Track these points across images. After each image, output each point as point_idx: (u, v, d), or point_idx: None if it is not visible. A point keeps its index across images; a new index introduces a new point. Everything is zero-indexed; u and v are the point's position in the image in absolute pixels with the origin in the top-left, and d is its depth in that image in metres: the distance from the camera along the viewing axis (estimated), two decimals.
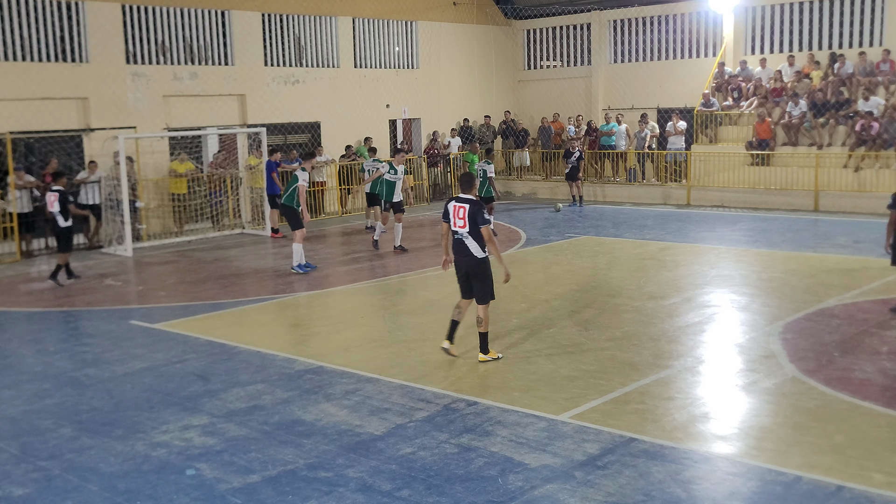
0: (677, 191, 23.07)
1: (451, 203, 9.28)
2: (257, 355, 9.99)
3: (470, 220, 9.06)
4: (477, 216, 9.04)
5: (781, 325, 10.52)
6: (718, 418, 7.63)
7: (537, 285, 13.38)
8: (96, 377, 9.35)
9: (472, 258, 9.19)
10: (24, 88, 18.03)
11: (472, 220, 9.06)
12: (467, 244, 9.16)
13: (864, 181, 20.19)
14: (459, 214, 9.14)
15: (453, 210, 9.21)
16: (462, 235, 9.17)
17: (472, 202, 9.12)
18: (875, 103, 20.68)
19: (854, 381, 8.45)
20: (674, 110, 24.28)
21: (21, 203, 17.24)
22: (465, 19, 27.33)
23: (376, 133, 24.61)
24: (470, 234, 9.10)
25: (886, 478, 6.28)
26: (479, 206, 9.10)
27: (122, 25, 19.64)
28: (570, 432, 7.29)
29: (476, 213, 9.05)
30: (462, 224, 9.13)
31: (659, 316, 11.13)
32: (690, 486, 6.23)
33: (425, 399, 8.27)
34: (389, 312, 12.05)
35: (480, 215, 9.06)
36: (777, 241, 16.61)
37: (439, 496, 6.19)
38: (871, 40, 22.68)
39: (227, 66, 21.60)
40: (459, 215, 9.14)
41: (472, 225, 9.06)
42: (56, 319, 12.21)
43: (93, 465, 6.97)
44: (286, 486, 6.44)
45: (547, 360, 9.41)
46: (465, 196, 9.21)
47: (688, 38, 25.84)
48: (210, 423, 7.84)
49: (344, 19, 24.13)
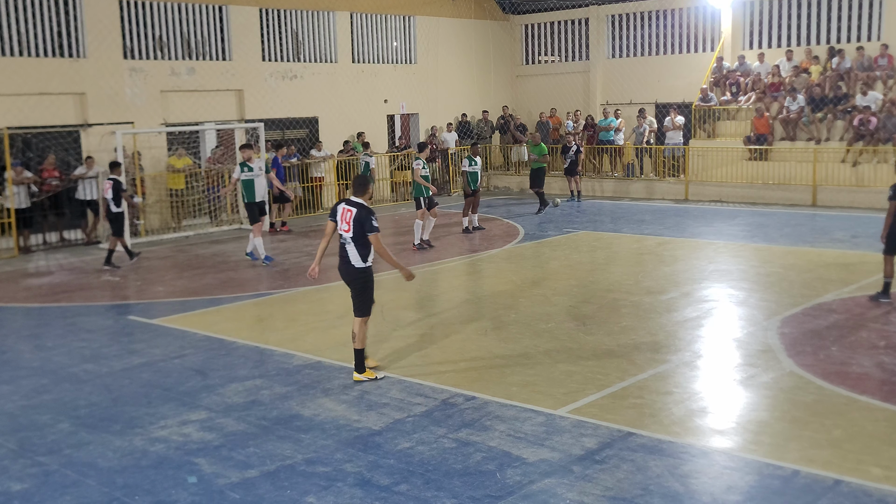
0: (675, 186, 23.07)
1: (340, 205, 8.66)
2: (255, 350, 10.00)
3: (356, 226, 8.42)
4: (365, 222, 8.40)
5: (779, 319, 10.53)
6: (716, 413, 7.64)
7: (535, 280, 13.38)
8: (94, 372, 9.35)
9: (350, 266, 8.60)
10: (21, 84, 18.00)
11: (358, 226, 8.41)
12: (349, 251, 8.55)
13: (862, 176, 20.20)
14: (346, 218, 8.50)
15: (341, 213, 8.58)
16: (346, 241, 8.55)
17: (362, 207, 8.48)
18: (873, 98, 20.67)
19: (852, 375, 8.46)
20: (672, 105, 24.27)
21: (19, 199, 17.22)
22: (463, 14, 27.31)
23: (375, 128, 24.60)
24: (353, 241, 8.48)
25: (884, 471, 6.29)
26: (367, 212, 8.46)
27: (119, 20, 19.62)
28: (568, 427, 7.30)
29: (364, 218, 8.41)
30: (347, 229, 8.48)
31: (657, 311, 11.14)
32: (688, 481, 6.24)
33: (423, 394, 8.27)
34: (388, 307, 12.05)
35: (369, 222, 8.40)
36: (775, 235, 16.62)
37: (437, 490, 6.19)
38: (868, 35, 22.68)
39: (224, 62, 21.57)
40: (346, 219, 8.50)
41: (358, 231, 8.42)
42: (54, 315, 12.20)
43: (91, 461, 6.97)
44: (284, 481, 6.45)
45: (545, 354, 9.41)
46: (356, 199, 8.57)
47: (686, 33, 25.84)
48: (208, 418, 7.85)
49: (342, 14, 24.10)
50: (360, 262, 8.58)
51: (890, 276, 11.09)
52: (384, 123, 25.38)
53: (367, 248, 8.55)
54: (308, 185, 22.24)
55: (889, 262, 11.09)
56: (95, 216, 18.55)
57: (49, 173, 17.81)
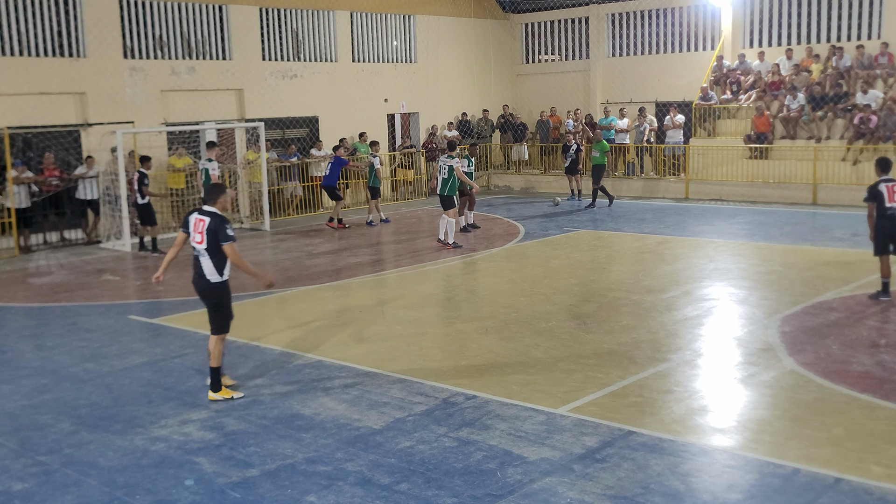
0: (676, 184, 23.07)
1: (192, 215, 8.22)
2: (256, 349, 10.00)
3: (209, 236, 7.99)
4: (219, 232, 7.98)
5: (780, 318, 10.53)
6: (717, 411, 7.64)
7: (536, 279, 13.38)
8: (95, 372, 9.35)
9: (205, 280, 8.19)
10: (21, 83, 18.00)
11: (211, 236, 7.99)
12: (202, 263, 8.13)
13: (862, 174, 20.17)
14: (198, 228, 8.06)
15: (193, 223, 8.14)
16: (199, 253, 8.12)
17: (215, 216, 8.06)
18: (873, 96, 20.66)
19: (852, 373, 8.46)
20: (672, 104, 24.25)
21: (19, 198, 17.22)
22: (463, 13, 27.29)
23: (375, 127, 24.59)
24: (208, 253, 8.06)
25: (884, 470, 6.29)
26: (221, 221, 8.03)
27: (119, 20, 19.61)
28: (569, 425, 7.30)
29: (218, 228, 7.98)
30: (200, 240, 8.06)
31: (657, 309, 11.14)
32: (689, 479, 6.24)
33: (424, 393, 8.27)
34: (388, 306, 12.05)
35: (223, 231, 7.98)
36: (775, 234, 16.61)
37: (438, 489, 6.19)
38: (869, 33, 22.66)
39: (224, 61, 21.57)
40: (198, 229, 8.06)
41: (212, 241, 8.00)
42: (54, 314, 12.21)
43: (92, 460, 6.97)
44: (285, 480, 6.45)
45: (545, 353, 9.41)
46: (208, 208, 8.12)
47: (686, 32, 25.81)
48: (209, 417, 7.85)
49: (342, 13, 24.09)
50: (215, 276, 8.18)
51: (887, 276, 11.10)
52: (384, 122, 25.37)
53: (222, 261, 8.16)
54: (308, 184, 22.24)
55: (884, 261, 11.09)
56: (96, 216, 18.54)
57: (49, 172, 17.81)
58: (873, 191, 10.96)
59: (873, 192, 10.95)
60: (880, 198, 10.84)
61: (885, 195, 10.81)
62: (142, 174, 16.72)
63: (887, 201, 10.78)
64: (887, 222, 10.83)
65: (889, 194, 10.80)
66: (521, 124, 26.74)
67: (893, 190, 10.82)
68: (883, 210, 10.82)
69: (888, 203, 10.77)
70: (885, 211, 10.80)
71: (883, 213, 10.83)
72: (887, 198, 10.79)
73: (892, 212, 10.77)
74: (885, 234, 10.90)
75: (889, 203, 10.77)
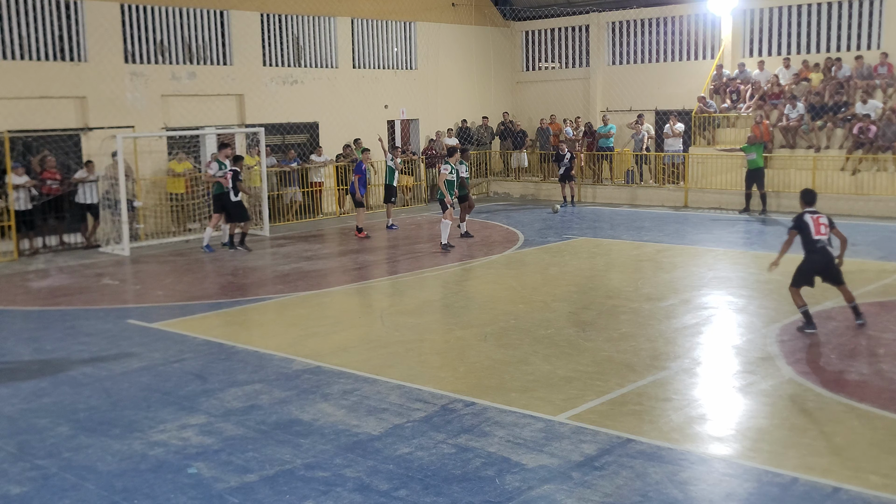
0: (675, 193, 23.10)
1: None
2: (255, 355, 10.00)
3: None
4: None
5: (778, 327, 10.54)
6: (715, 420, 7.64)
7: (535, 286, 13.39)
8: (94, 376, 9.34)
9: None
10: (22, 87, 18.02)
11: None
12: None
13: (861, 184, 20.22)
14: None
15: None
16: None
17: None
18: (873, 106, 20.71)
19: (851, 382, 8.46)
20: (672, 112, 24.30)
21: (19, 202, 17.23)
22: (463, 20, 27.35)
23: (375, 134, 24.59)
24: None
25: (883, 479, 6.29)
26: None
27: (120, 25, 19.64)
28: (568, 433, 7.30)
29: None
30: None
31: (656, 317, 11.15)
32: (687, 488, 6.24)
33: (423, 399, 8.27)
34: (387, 313, 12.05)
35: None
36: (774, 243, 16.56)
37: (436, 496, 6.19)
38: (868, 44, 22.72)
39: (225, 66, 21.60)
40: None
41: None
42: (53, 318, 12.20)
43: (90, 464, 6.96)
44: (283, 486, 6.45)
45: (544, 361, 9.42)
46: None
47: (686, 41, 25.87)
48: (207, 422, 7.84)
49: (343, 20, 24.14)
50: None
51: (803, 305, 10.28)
52: (384, 129, 25.39)
53: None
54: (308, 189, 22.25)
55: (799, 293, 10.33)
56: (95, 220, 18.54)
57: (50, 175, 17.81)
58: (798, 221, 10.34)
59: (798, 221, 10.33)
60: (806, 230, 10.23)
61: (811, 227, 10.21)
62: (235, 172, 17.17)
63: (814, 233, 10.18)
64: (818, 256, 10.20)
65: (815, 226, 10.21)
66: (520, 132, 26.79)
67: (819, 222, 10.24)
68: (811, 244, 10.21)
69: (815, 236, 10.17)
70: (815, 244, 10.19)
71: (812, 248, 10.22)
72: (813, 230, 10.19)
73: (821, 244, 10.18)
74: (813, 268, 10.27)
75: (816, 236, 10.17)
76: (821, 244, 10.20)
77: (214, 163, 17.71)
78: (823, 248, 10.20)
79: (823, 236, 10.19)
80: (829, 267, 10.21)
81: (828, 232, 10.22)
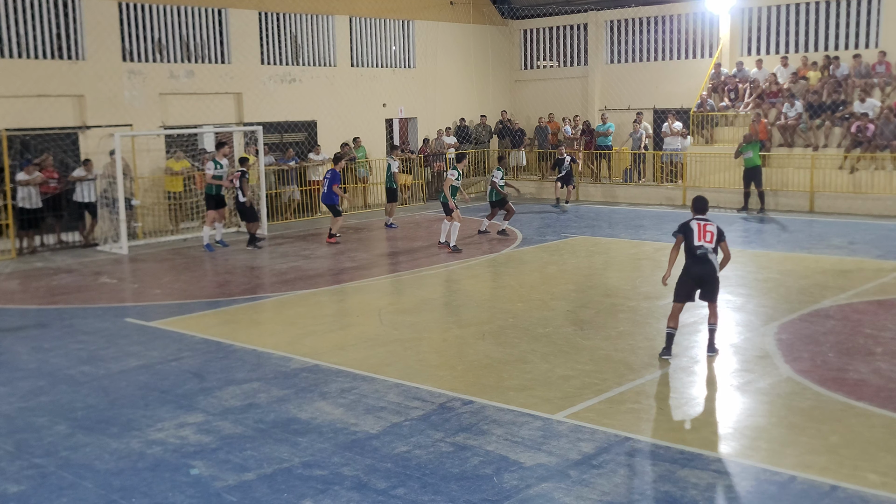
0: (673, 191, 23.10)
1: None
2: (253, 353, 9.99)
3: None
4: None
5: (776, 325, 10.55)
6: (713, 418, 7.65)
7: (533, 285, 13.39)
8: (91, 375, 9.34)
9: None
10: (20, 85, 17.99)
11: None
12: None
13: (859, 182, 20.23)
14: None
15: None
16: None
17: None
18: (871, 105, 20.73)
19: (849, 381, 8.47)
20: (670, 111, 24.31)
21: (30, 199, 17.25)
22: (461, 19, 27.34)
23: (373, 132, 24.61)
24: None
25: (880, 478, 6.30)
26: None
27: (118, 23, 19.61)
28: (566, 431, 7.30)
29: None
30: None
31: (654, 316, 11.16)
32: (685, 486, 6.25)
33: (421, 398, 8.27)
34: (385, 311, 12.05)
35: None
36: (772, 241, 16.64)
37: (434, 494, 6.19)
38: (866, 42, 22.73)
39: (223, 65, 21.58)
40: None
41: None
42: (51, 317, 12.19)
43: (88, 463, 6.96)
44: (281, 484, 6.45)
45: (542, 359, 9.42)
46: None
47: (684, 39, 25.86)
48: (205, 420, 7.84)
49: (341, 18, 24.12)
50: None
51: (674, 327, 9.50)
52: (382, 127, 25.38)
53: None
54: (306, 188, 22.24)
55: (679, 309, 9.53)
56: (93, 218, 18.52)
57: (48, 174, 17.79)
58: (684, 226, 9.66)
59: (683, 227, 9.65)
60: (690, 234, 9.52)
61: (695, 232, 9.50)
62: (243, 173, 17.38)
63: (696, 239, 9.45)
64: (696, 266, 9.38)
65: (700, 232, 9.50)
66: (519, 130, 26.78)
67: (706, 229, 9.53)
68: (692, 250, 9.47)
69: (697, 241, 9.39)
70: (696, 250, 9.43)
71: (692, 254, 9.48)
72: (697, 235, 9.48)
73: (701, 251, 9.43)
74: (692, 279, 9.44)
75: (698, 241, 9.44)
76: (702, 251, 9.41)
77: (210, 162, 17.71)
78: (704, 256, 9.40)
79: (708, 244, 9.42)
80: (707, 278, 9.39)
81: (713, 240, 9.44)
